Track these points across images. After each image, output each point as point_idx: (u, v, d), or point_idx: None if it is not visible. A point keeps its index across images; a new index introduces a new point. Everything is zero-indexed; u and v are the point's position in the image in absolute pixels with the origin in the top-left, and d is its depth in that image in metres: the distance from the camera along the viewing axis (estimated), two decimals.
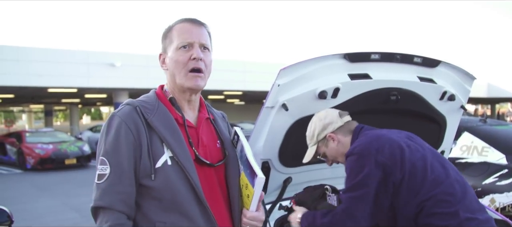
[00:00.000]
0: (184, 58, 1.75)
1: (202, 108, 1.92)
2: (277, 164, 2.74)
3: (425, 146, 2.34)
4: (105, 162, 1.66)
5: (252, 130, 2.62)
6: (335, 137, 2.45)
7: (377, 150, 2.18)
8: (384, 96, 2.69)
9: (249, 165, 1.77)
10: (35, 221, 7.97)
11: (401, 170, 2.15)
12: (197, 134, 1.82)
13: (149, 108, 1.74)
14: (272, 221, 2.76)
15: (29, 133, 17.42)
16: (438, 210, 2.12)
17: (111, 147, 1.67)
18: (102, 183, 1.64)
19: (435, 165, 2.23)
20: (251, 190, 1.75)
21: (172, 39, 1.79)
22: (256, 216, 1.79)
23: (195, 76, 1.76)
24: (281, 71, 2.43)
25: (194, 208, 1.68)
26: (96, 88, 21.06)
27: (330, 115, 2.46)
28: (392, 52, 2.66)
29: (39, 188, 11.71)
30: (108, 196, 1.63)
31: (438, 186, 2.15)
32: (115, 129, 1.68)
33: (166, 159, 1.68)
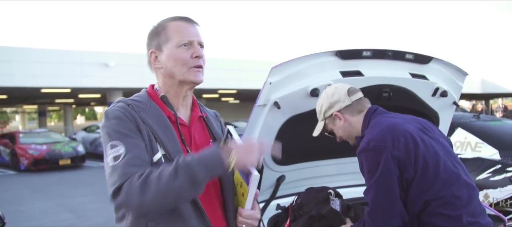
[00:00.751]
0: (186, 56, 1.75)
1: (195, 106, 1.91)
2: (270, 162, 2.74)
3: (439, 140, 2.26)
4: (115, 145, 1.60)
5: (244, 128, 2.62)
6: (342, 117, 2.33)
7: (393, 144, 2.08)
8: (376, 93, 2.69)
9: None
10: (29, 223, 7.92)
11: (414, 167, 2.09)
12: (189, 132, 1.81)
13: (142, 106, 1.73)
14: (265, 220, 2.76)
15: (23, 134, 17.31)
16: (442, 211, 2.07)
17: (117, 131, 1.62)
18: (121, 160, 1.58)
19: (447, 164, 2.16)
20: (246, 188, 1.74)
21: (168, 37, 1.77)
22: (251, 215, 1.78)
23: (198, 71, 1.78)
24: (272, 69, 2.42)
25: (187, 208, 1.66)
26: (90, 88, 20.99)
27: (338, 93, 2.33)
28: (384, 49, 2.66)
29: (33, 189, 11.64)
30: (130, 168, 1.57)
31: (448, 187, 2.09)
32: (116, 118, 1.65)
33: (160, 157, 1.67)
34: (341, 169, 3.09)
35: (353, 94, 2.33)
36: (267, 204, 2.83)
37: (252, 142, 1.65)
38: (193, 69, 1.76)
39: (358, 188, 3.29)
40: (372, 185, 2.11)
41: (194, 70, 1.76)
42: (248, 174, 1.70)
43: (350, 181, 3.20)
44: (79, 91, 22.84)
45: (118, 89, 21.31)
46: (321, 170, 3.01)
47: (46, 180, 13.25)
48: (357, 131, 2.31)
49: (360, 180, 3.23)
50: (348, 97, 2.32)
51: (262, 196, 2.83)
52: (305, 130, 2.72)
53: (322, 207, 2.55)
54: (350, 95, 2.32)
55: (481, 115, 6.33)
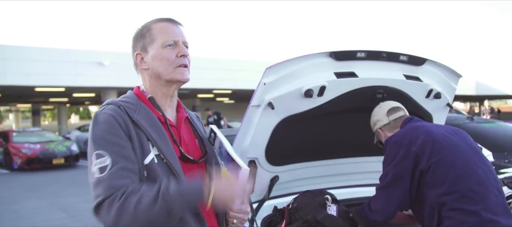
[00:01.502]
0: (171, 55, 1.76)
1: (180, 108, 1.93)
2: (264, 163, 2.73)
3: (468, 143, 2.47)
4: (101, 155, 1.59)
5: (238, 129, 2.62)
6: (382, 133, 2.65)
7: (410, 141, 2.38)
8: (370, 94, 2.69)
9: (230, 159, 1.77)
10: (22, 222, 7.88)
11: (428, 161, 2.32)
12: (178, 132, 1.83)
13: (132, 107, 1.73)
14: (259, 220, 2.75)
15: (16, 133, 17.20)
16: (459, 206, 2.24)
17: (104, 139, 1.61)
18: (105, 173, 1.56)
19: (470, 162, 2.34)
20: None
21: (153, 38, 1.79)
22: (242, 209, 1.79)
23: (184, 70, 1.79)
24: (267, 69, 2.42)
25: None
26: (85, 87, 20.92)
27: (378, 113, 2.67)
28: (378, 50, 2.66)
29: (27, 189, 11.59)
30: (117, 180, 1.56)
31: (465, 182, 2.27)
32: (104, 123, 1.64)
33: (153, 157, 1.68)
34: (335, 170, 3.10)
35: (392, 114, 2.63)
36: (261, 204, 2.83)
37: (233, 181, 1.65)
38: (179, 68, 1.77)
39: (352, 189, 3.30)
40: (385, 170, 2.46)
41: (180, 69, 1.78)
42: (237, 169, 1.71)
43: (344, 182, 3.21)
44: (73, 90, 22.76)
45: (113, 89, 21.25)
46: (315, 171, 3.01)
47: (39, 179, 13.18)
48: None
49: (354, 181, 3.25)
50: (387, 116, 2.63)
51: (256, 197, 2.83)
52: (299, 130, 2.72)
53: (318, 212, 2.55)
54: (389, 115, 2.63)
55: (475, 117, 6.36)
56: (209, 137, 1.96)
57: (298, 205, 2.65)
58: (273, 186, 2.86)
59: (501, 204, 2.31)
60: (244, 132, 2.56)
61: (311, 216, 2.53)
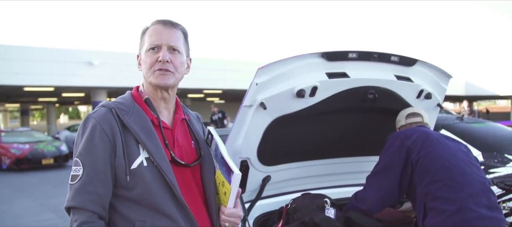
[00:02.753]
0: (151, 60, 1.76)
1: (178, 109, 1.92)
2: (256, 163, 2.74)
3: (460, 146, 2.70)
4: (78, 163, 1.66)
5: (230, 129, 2.62)
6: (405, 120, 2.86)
7: (406, 136, 2.63)
8: (361, 94, 2.71)
9: (224, 163, 1.79)
10: (11, 222, 7.81)
11: (418, 153, 2.54)
12: (172, 135, 1.83)
13: (125, 109, 1.74)
14: (251, 220, 2.76)
15: (5, 133, 17.02)
16: (441, 194, 2.43)
17: (85, 148, 1.67)
18: (75, 183, 1.65)
19: (457, 158, 2.56)
20: (228, 187, 1.76)
21: (144, 42, 1.81)
22: (234, 213, 1.81)
23: (162, 74, 1.76)
24: (259, 69, 2.43)
25: (172, 207, 1.69)
26: (74, 87, 20.75)
27: (401, 115, 2.89)
28: (370, 51, 2.68)
29: (16, 189, 11.47)
30: (80, 196, 1.63)
31: (448, 172, 2.47)
32: (90, 130, 1.68)
33: (142, 161, 1.69)
34: (327, 169, 3.11)
35: (410, 118, 2.85)
36: (253, 204, 2.83)
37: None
38: (157, 72, 1.76)
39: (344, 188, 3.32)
40: (380, 160, 2.67)
41: (158, 73, 1.76)
42: (230, 173, 1.71)
43: (336, 181, 3.22)
44: (62, 89, 22.58)
45: (103, 88, 21.11)
46: (307, 171, 3.02)
47: (28, 179, 13.07)
48: None
49: (346, 181, 3.27)
50: (406, 119, 2.85)
51: (248, 196, 2.83)
52: (291, 130, 2.73)
53: (316, 215, 2.56)
54: (408, 118, 2.85)
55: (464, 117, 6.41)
56: (206, 139, 1.95)
57: (297, 206, 2.66)
58: (265, 186, 2.86)
59: (486, 198, 2.43)
60: (237, 132, 2.56)
61: (309, 218, 2.54)
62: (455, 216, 2.37)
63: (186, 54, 1.87)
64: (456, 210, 2.37)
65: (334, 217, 2.57)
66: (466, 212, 2.36)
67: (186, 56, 1.86)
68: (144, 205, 1.67)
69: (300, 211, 2.62)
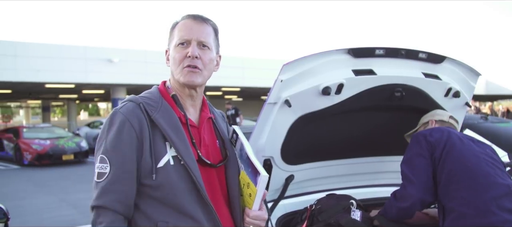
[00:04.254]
0: (180, 56, 1.72)
1: (205, 107, 1.87)
2: (279, 162, 2.68)
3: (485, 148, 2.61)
4: (105, 161, 1.61)
5: (251, 126, 2.57)
6: (432, 124, 2.77)
7: (430, 133, 2.58)
8: (388, 92, 2.64)
9: (250, 164, 1.73)
10: (32, 218, 7.91)
11: (442, 151, 2.49)
12: (199, 133, 1.78)
13: (153, 105, 1.70)
14: (273, 219, 2.71)
15: (27, 129, 17.30)
16: (461, 195, 2.38)
17: (112, 145, 1.61)
18: (101, 181, 1.60)
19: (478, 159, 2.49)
20: (254, 189, 1.70)
21: (173, 36, 1.77)
22: (259, 215, 1.75)
23: (190, 72, 1.71)
24: (284, 66, 2.37)
25: (197, 208, 1.64)
26: (94, 84, 20.98)
27: (445, 113, 2.82)
28: (397, 47, 2.60)
29: (36, 184, 11.64)
30: (106, 195, 1.59)
31: (468, 173, 2.41)
32: (118, 126, 1.63)
33: (169, 159, 1.64)
34: (351, 169, 3.04)
35: (452, 119, 2.81)
36: (276, 204, 2.78)
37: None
38: (185, 69, 1.71)
39: (369, 189, 3.25)
40: (407, 157, 2.60)
41: (186, 71, 1.71)
42: (256, 174, 1.66)
43: (360, 181, 3.16)
44: (83, 86, 22.84)
45: (122, 85, 21.30)
46: (330, 170, 2.96)
47: (49, 175, 13.25)
48: None
49: (371, 181, 3.20)
50: (449, 118, 2.80)
51: (271, 196, 2.78)
52: (315, 129, 2.67)
53: (342, 217, 2.50)
54: (450, 119, 2.80)
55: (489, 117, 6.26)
56: (231, 138, 1.90)
57: (322, 207, 2.60)
58: (288, 185, 2.81)
59: (509, 201, 2.36)
60: (260, 130, 2.51)
61: (334, 220, 2.48)
62: (477, 219, 2.29)
63: (216, 50, 1.82)
64: (478, 213, 2.30)
65: (360, 219, 2.51)
66: (489, 215, 2.29)
67: (215, 53, 1.81)
68: (168, 205, 1.62)
69: (325, 212, 2.56)
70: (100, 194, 1.59)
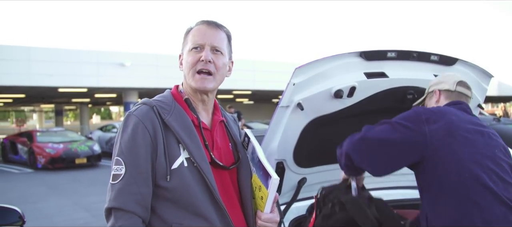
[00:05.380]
0: (193, 60, 1.74)
1: (217, 110, 1.90)
2: (292, 165, 2.70)
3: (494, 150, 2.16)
4: (120, 162, 1.64)
5: (263, 130, 2.59)
6: (437, 95, 2.42)
7: (427, 119, 2.14)
8: (400, 94, 2.64)
9: (262, 167, 1.75)
10: (46, 221, 8.00)
11: (435, 149, 2.08)
12: (211, 136, 1.81)
13: (166, 108, 1.73)
14: (286, 222, 2.72)
15: (40, 133, 17.52)
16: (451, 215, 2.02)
17: (127, 147, 1.64)
18: (117, 183, 1.62)
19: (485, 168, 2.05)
20: (265, 192, 1.72)
21: (187, 41, 1.80)
22: (271, 218, 1.77)
23: (202, 78, 1.75)
24: (296, 69, 2.39)
25: (211, 210, 1.66)
26: (106, 88, 21.15)
27: (446, 78, 2.44)
28: (409, 50, 2.61)
29: (50, 187, 11.77)
30: (122, 197, 1.60)
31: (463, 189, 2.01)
32: (132, 128, 1.66)
33: (183, 161, 1.66)
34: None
35: (460, 86, 2.39)
36: (288, 207, 2.79)
37: None
38: (197, 74, 1.74)
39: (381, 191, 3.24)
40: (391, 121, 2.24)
41: (199, 77, 1.74)
42: (268, 177, 1.68)
43: (372, 184, 3.15)
44: (95, 90, 23.04)
45: (134, 89, 21.45)
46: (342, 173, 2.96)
47: (62, 178, 13.38)
48: None
49: (383, 183, 3.19)
50: (454, 86, 2.39)
51: (283, 199, 2.80)
52: (328, 132, 2.68)
53: (345, 194, 2.50)
54: (457, 87, 2.39)
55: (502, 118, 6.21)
56: (243, 141, 1.92)
57: (325, 192, 2.60)
58: (301, 188, 2.82)
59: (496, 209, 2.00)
60: (273, 133, 2.53)
61: (336, 199, 2.48)
62: None
63: (229, 56, 1.85)
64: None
65: (355, 193, 2.52)
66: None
67: (228, 58, 1.84)
68: (182, 206, 1.64)
69: (331, 194, 2.56)
70: (116, 195, 1.61)
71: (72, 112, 62.43)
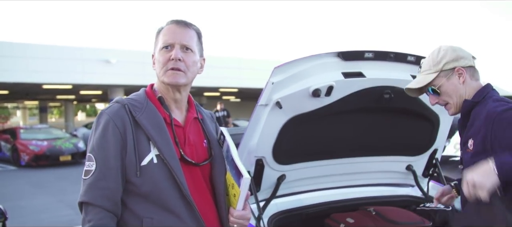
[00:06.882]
0: (164, 58, 1.80)
1: (191, 107, 1.95)
2: (271, 162, 2.75)
3: None
4: (91, 159, 1.71)
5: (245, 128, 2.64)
6: (463, 74, 2.09)
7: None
8: (377, 94, 2.70)
9: (235, 166, 1.81)
10: (30, 218, 7.96)
11: None
12: (184, 133, 1.85)
13: (138, 106, 1.78)
14: (265, 218, 2.77)
15: (24, 130, 17.34)
16: None
17: (98, 144, 1.71)
18: (88, 178, 1.69)
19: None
20: (237, 190, 1.78)
21: (158, 41, 1.85)
22: (243, 215, 1.84)
23: (173, 73, 1.80)
24: (275, 69, 2.44)
25: (180, 205, 1.72)
26: (91, 85, 21.01)
27: (464, 51, 2.13)
28: (386, 50, 2.67)
29: (34, 185, 11.68)
30: (92, 191, 1.67)
31: None
32: (103, 126, 1.72)
33: (152, 157, 1.72)
34: (342, 169, 3.11)
35: (474, 59, 2.15)
36: (268, 203, 2.85)
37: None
38: (169, 71, 1.80)
39: (359, 188, 3.32)
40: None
41: (170, 72, 1.80)
42: (240, 176, 1.74)
43: (351, 181, 3.22)
44: (80, 87, 22.87)
45: (120, 86, 21.33)
46: (322, 170, 3.02)
47: (46, 176, 13.28)
48: (468, 95, 2.13)
49: (361, 181, 3.26)
50: (473, 59, 2.14)
51: (263, 195, 2.85)
52: (306, 130, 2.74)
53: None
54: (473, 59, 2.15)
55: None
56: (218, 139, 1.97)
57: None
58: (280, 185, 2.88)
59: None
60: (252, 131, 2.58)
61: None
62: None
63: (200, 53, 1.90)
64: None
65: None
66: None
67: (199, 56, 1.89)
68: (152, 201, 1.71)
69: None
70: (87, 190, 1.68)
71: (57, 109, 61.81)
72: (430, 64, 2.16)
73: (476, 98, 2.11)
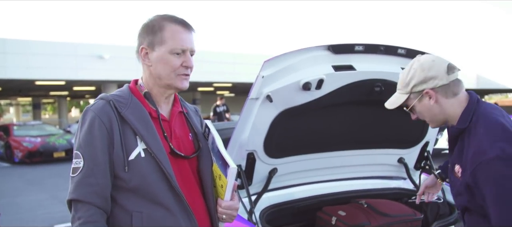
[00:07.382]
0: (176, 63, 1.78)
1: (176, 102, 1.96)
2: (262, 155, 2.76)
3: None
4: (79, 156, 1.70)
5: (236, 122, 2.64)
6: (433, 96, 1.93)
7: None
8: (368, 87, 2.71)
9: (221, 157, 1.82)
10: (24, 215, 7.93)
11: None
12: (170, 127, 1.86)
13: (123, 102, 1.78)
14: (257, 212, 2.78)
15: (17, 126, 17.23)
16: None
17: (85, 140, 1.71)
18: (76, 176, 1.69)
19: None
20: (225, 181, 1.79)
21: (164, 39, 1.78)
22: (231, 205, 1.85)
23: (184, 79, 1.82)
24: (265, 63, 2.44)
25: (169, 197, 1.73)
26: (85, 81, 20.93)
27: (436, 68, 1.92)
28: (376, 43, 2.68)
29: (28, 182, 11.63)
30: (81, 188, 1.67)
31: None
32: (89, 123, 1.72)
33: (140, 152, 1.72)
34: (333, 162, 3.12)
35: (452, 73, 1.92)
36: (259, 197, 2.85)
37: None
38: (181, 76, 1.80)
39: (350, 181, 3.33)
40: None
41: (182, 78, 1.81)
42: (226, 166, 1.76)
43: (342, 174, 3.23)
44: (73, 83, 22.77)
45: (113, 82, 21.25)
46: (313, 164, 3.03)
47: (40, 172, 13.23)
48: (447, 116, 1.98)
49: (352, 174, 3.27)
50: (447, 75, 1.91)
51: (254, 189, 2.86)
52: (297, 123, 2.74)
53: None
54: (449, 73, 1.92)
55: None
56: (204, 132, 1.98)
57: None
58: (272, 178, 2.88)
59: None
60: (243, 124, 2.58)
61: None
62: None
63: None
64: None
65: None
66: None
67: None
68: (141, 195, 1.71)
69: None
70: (75, 187, 1.68)
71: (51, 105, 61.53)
72: (402, 84, 2.04)
73: (461, 125, 1.93)
